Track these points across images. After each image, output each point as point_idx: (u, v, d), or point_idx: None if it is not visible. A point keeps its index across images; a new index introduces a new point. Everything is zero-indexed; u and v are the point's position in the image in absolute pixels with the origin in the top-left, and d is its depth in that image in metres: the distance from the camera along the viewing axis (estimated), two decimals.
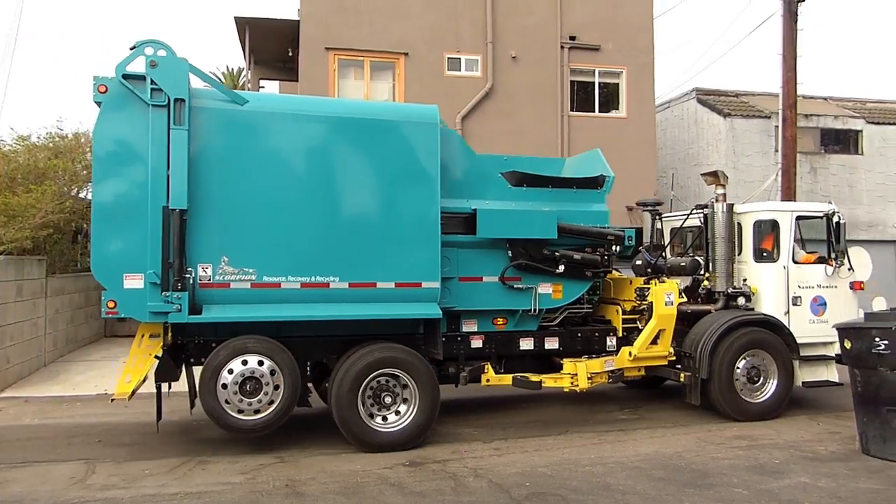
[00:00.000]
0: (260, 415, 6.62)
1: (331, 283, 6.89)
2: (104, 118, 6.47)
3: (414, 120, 7.31)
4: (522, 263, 7.70)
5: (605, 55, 16.59)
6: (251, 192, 6.72)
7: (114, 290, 6.37)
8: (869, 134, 19.79)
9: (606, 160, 8.45)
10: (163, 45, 6.52)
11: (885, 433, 6.48)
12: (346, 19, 15.25)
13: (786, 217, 8.98)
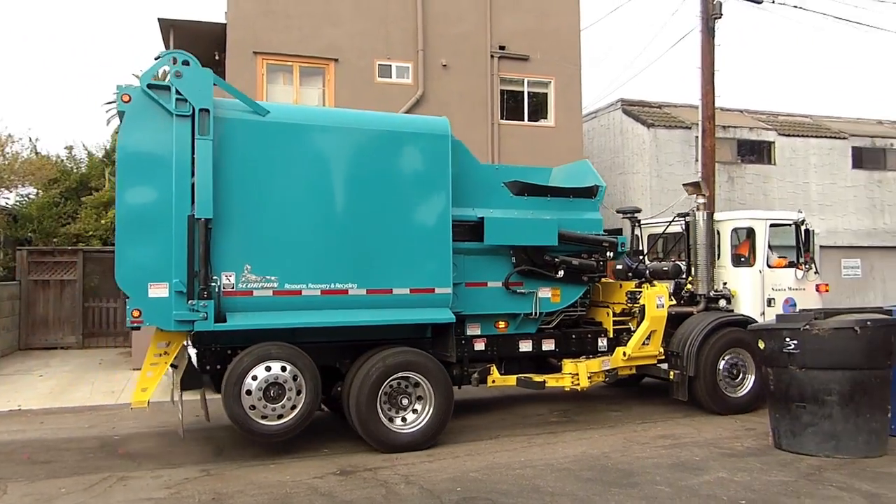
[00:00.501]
0: (283, 420, 6.71)
1: (349, 290, 7.07)
2: (128, 127, 6.49)
3: (427, 131, 7.56)
4: (525, 269, 8.02)
5: (534, 65, 16.93)
6: (272, 201, 6.84)
7: (139, 300, 6.39)
8: (781, 145, 20.86)
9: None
10: (187, 55, 6.62)
11: (795, 428, 6.83)
12: (274, 23, 15.04)
13: (761, 224, 9.68)
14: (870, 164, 21.80)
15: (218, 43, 15.79)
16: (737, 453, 6.94)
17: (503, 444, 7.45)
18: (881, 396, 6.72)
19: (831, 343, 6.62)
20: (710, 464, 6.56)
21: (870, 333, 6.61)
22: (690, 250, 9.73)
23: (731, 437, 7.61)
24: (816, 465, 6.43)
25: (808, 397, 6.72)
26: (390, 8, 15.81)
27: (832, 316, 7.04)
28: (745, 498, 5.54)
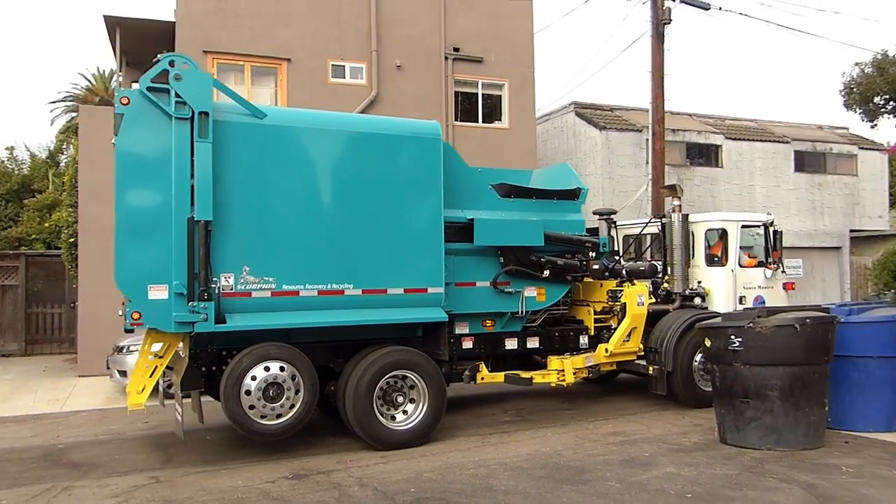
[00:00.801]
0: (282, 419, 6.77)
1: (346, 291, 7.20)
2: (127, 130, 6.50)
3: (419, 134, 7.73)
4: (513, 269, 8.27)
5: (488, 67, 17.04)
6: (270, 203, 6.93)
7: (138, 302, 6.41)
8: (728, 149, 21.44)
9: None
10: (186, 58, 6.69)
11: (739, 423, 7.04)
12: (224, 22, 14.80)
13: (733, 226, 10.16)
14: (811, 168, 22.57)
15: (166, 42, 15.45)
16: (684, 448, 7.11)
17: (458, 443, 7.49)
18: (819, 391, 6.98)
19: (773, 340, 6.84)
20: (658, 459, 6.70)
21: (809, 331, 6.85)
22: (666, 251, 10.12)
23: (680, 433, 7.80)
24: (759, 457, 6.63)
25: (751, 393, 6.93)
26: (343, 8, 15.72)
27: (774, 314, 7.27)
28: (692, 491, 5.69)
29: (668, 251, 10.09)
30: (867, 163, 23.40)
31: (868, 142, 24.41)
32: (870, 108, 24.62)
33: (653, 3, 15.25)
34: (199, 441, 7.87)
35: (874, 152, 23.73)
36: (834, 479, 5.93)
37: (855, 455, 6.69)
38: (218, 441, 7.89)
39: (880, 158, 23.76)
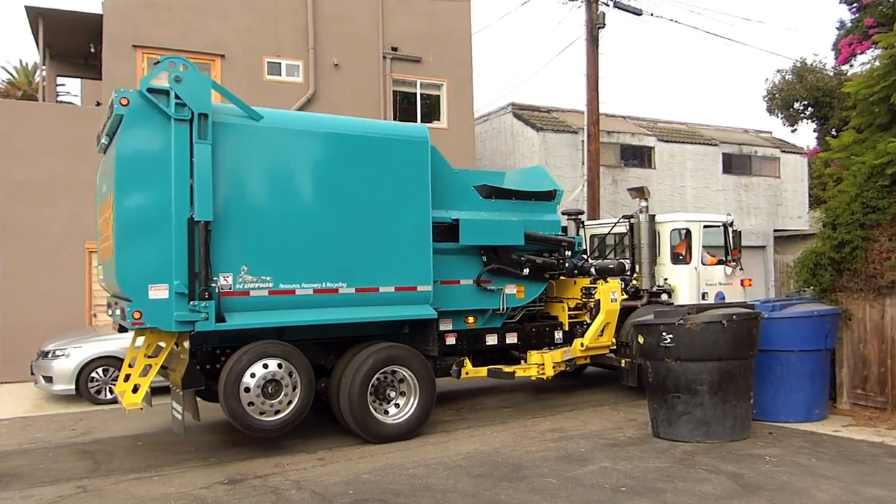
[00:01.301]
0: (280, 415, 6.91)
1: (340, 289, 7.35)
2: (126, 131, 6.54)
3: (409, 137, 7.95)
4: (495, 268, 8.55)
5: (427, 67, 17.06)
6: (266, 204, 7.05)
7: (139, 301, 6.44)
8: (660, 150, 22.07)
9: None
10: (185, 61, 6.74)
11: (671, 417, 7.25)
12: (155, 16, 14.35)
13: (696, 226, 10.65)
14: (737, 170, 23.47)
15: (93, 35, 14.90)
16: (619, 443, 7.28)
17: (397, 444, 7.46)
18: (745, 384, 7.25)
19: (702, 336, 7.08)
20: (594, 454, 6.84)
21: (735, 326, 7.11)
22: (635, 249, 10.54)
23: (615, 428, 7.98)
24: (689, 450, 6.85)
25: (682, 387, 7.15)
26: (279, 5, 15.46)
27: (704, 311, 7.52)
28: (626, 485, 5.83)
29: (636, 250, 10.54)
30: (789, 165, 24.50)
31: (790, 145, 25.55)
32: (790, 114, 25.79)
33: (587, 8, 15.57)
34: (128, 447, 7.61)
35: (795, 155, 24.86)
36: (758, 469, 6.17)
37: (778, 445, 6.99)
38: (149, 447, 7.65)
39: (801, 161, 24.90)
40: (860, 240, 8.26)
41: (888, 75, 8.59)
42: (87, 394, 10.21)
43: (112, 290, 7.37)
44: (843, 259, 8.45)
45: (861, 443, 7.03)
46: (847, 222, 8.37)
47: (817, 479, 5.86)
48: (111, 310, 7.60)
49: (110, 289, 7.45)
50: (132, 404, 6.95)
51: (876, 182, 8.18)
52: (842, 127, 13.80)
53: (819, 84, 25.19)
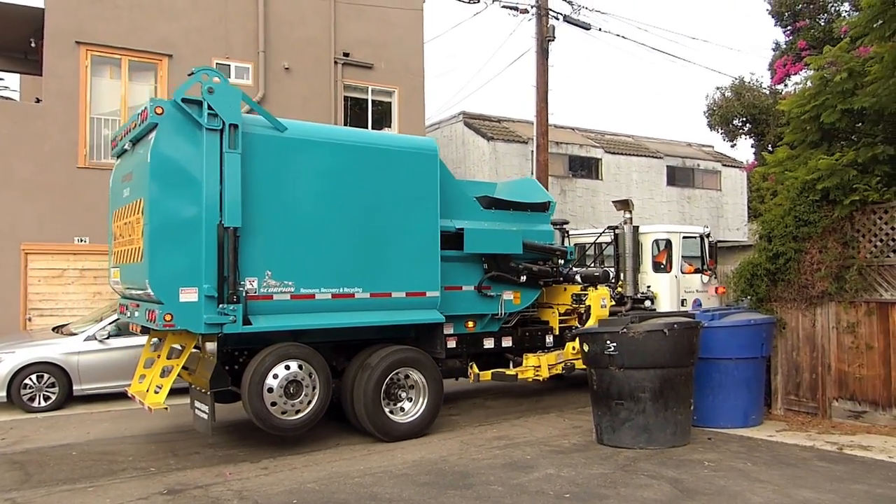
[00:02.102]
0: (300, 415, 7.21)
1: (356, 294, 7.69)
2: (161, 139, 6.76)
3: (421, 150, 8.36)
4: (495, 275, 8.91)
5: (379, 74, 17.04)
6: (289, 211, 7.31)
7: (171, 304, 6.66)
8: (607, 162, 22.54)
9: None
10: (217, 73, 7.07)
11: (614, 424, 7.39)
12: (100, 12, 13.95)
13: (676, 237, 11.37)
14: (681, 182, 24.14)
15: (34, 29, 14.40)
16: (564, 450, 7.38)
17: (342, 452, 7.41)
18: (686, 391, 7.45)
19: (644, 344, 7.24)
20: (539, 461, 6.91)
21: (676, 335, 7.30)
22: (619, 258, 10.97)
23: (560, 436, 8.08)
24: (632, 456, 6.99)
25: (625, 395, 7.30)
26: (230, 6, 15.22)
27: (646, 320, 7.70)
28: (570, 491, 5.91)
29: (620, 259, 10.95)
30: (729, 179, 25.32)
31: (730, 159, 26.43)
32: (730, 129, 26.70)
33: (538, 21, 15.81)
34: (62, 457, 7.34)
35: (735, 169, 25.72)
36: (697, 474, 6.35)
37: (716, 450, 7.20)
38: (84, 457, 7.39)
39: (740, 175, 25.78)
40: (793, 252, 8.60)
41: (818, 95, 8.98)
42: (20, 401, 9.81)
43: (133, 292, 7.48)
44: (777, 270, 8.77)
45: (793, 447, 7.29)
46: (781, 235, 8.70)
47: (752, 482, 6.06)
48: (128, 311, 7.83)
49: (132, 290, 7.51)
50: (156, 404, 7.09)
51: (807, 197, 8.53)
52: (777, 143, 14.38)
53: (756, 102, 26.18)
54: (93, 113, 13.93)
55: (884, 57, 8.35)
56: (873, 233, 8.13)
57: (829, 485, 5.97)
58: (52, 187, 13.37)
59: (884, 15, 7.94)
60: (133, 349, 10.44)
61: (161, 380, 7.36)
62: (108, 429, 8.79)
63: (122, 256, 7.70)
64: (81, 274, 13.56)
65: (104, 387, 10.34)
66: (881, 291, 8.00)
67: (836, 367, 8.33)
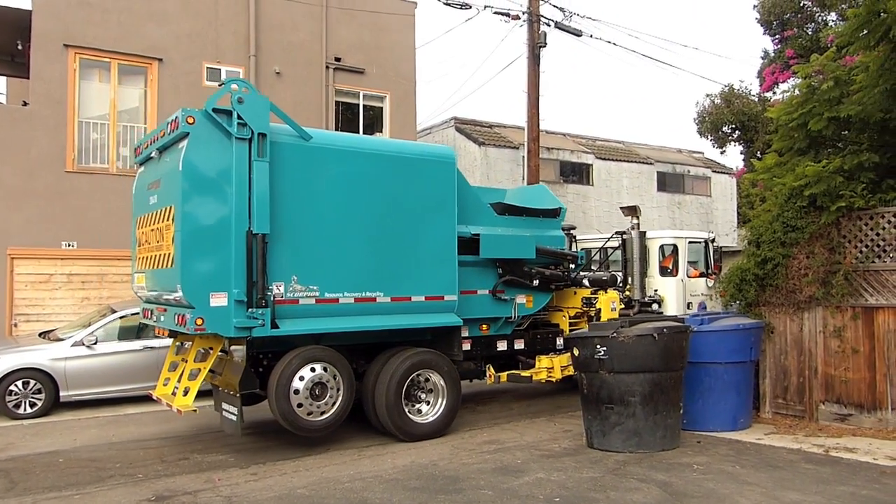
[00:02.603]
0: (325, 416, 7.38)
1: (377, 298, 7.89)
2: (192, 147, 6.92)
3: (439, 158, 8.61)
4: (509, 279, 9.15)
5: (370, 79, 17.06)
6: (314, 217, 7.50)
7: (202, 309, 6.83)
8: (598, 168, 22.63)
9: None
10: (247, 83, 7.22)
11: (605, 428, 7.41)
12: (89, 15, 13.91)
13: (682, 242, 11.71)
14: (671, 188, 24.28)
15: (21, 31, 14.32)
16: (554, 454, 7.39)
17: (332, 457, 7.38)
18: (675, 395, 7.48)
19: (634, 349, 7.27)
20: (530, 465, 6.92)
21: (666, 339, 7.33)
22: (627, 263, 11.18)
23: (550, 440, 8.09)
24: (622, 460, 7.01)
25: (615, 399, 7.31)
26: (220, 10, 15.21)
27: (636, 324, 7.73)
28: (560, 496, 5.92)
29: (628, 263, 11.16)
30: (719, 185, 25.49)
31: (720, 166, 26.61)
32: (719, 136, 26.89)
33: (529, 27, 15.88)
34: (48, 465, 7.29)
35: (725, 175, 25.90)
36: (686, 477, 6.37)
37: (705, 453, 7.23)
38: (71, 464, 7.34)
39: (730, 181, 25.95)
40: (781, 257, 8.66)
41: (806, 103, 9.08)
42: (5, 408, 9.72)
43: (161, 296, 7.61)
44: (766, 275, 8.84)
45: (781, 450, 7.34)
46: (770, 240, 8.77)
47: (740, 485, 6.09)
48: (153, 316, 8.02)
49: (159, 295, 7.65)
50: (185, 406, 7.27)
51: (795, 203, 8.60)
52: (765, 150, 14.52)
53: (745, 109, 26.39)
54: (81, 117, 13.88)
55: (869, 66, 8.46)
56: (859, 238, 8.21)
57: (816, 487, 6.01)
58: (40, 191, 13.30)
59: (868, 24, 8.03)
60: (121, 354, 10.43)
61: (189, 382, 7.55)
62: (95, 435, 8.72)
63: (149, 262, 7.88)
64: (69, 279, 13.49)
65: (92, 393, 10.27)
66: (867, 296, 8.07)
67: (823, 370, 8.39)
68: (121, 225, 13.82)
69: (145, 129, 14.43)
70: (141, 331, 10.72)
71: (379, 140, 8.67)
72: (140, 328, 10.77)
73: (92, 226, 13.64)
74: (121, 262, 13.80)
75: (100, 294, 13.65)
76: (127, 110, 14.52)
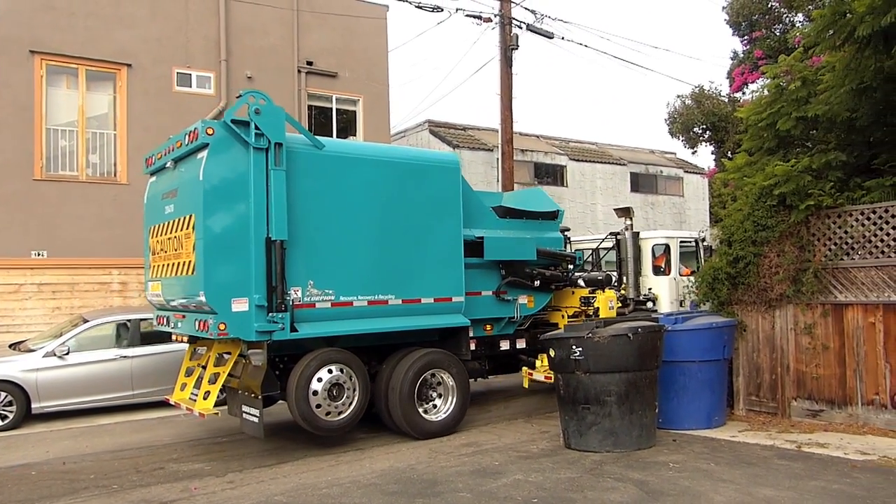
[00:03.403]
0: (342, 416, 7.63)
1: (389, 300, 8.13)
2: (213, 158, 7.13)
3: (445, 164, 8.88)
4: (512, 280, 9.42)
5: (342, 83, 17.01)
6: (328, 224, 7.73)
7: (224, 314, 7.05)
8: (571, 169, 22.80)
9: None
10: (263, 95, 7.43)
11: (581, 428, 7.46)
12: (56, 21, 13.69)
13: (674, 242, 11.98)
14: (644, 189, 24.54)
15: None
16: (532, 455, 7.42)
17: (310, 464, 7.34)
18: (651, 394, 7.55)
19: (609, 349, 7.32)
20: (508, 467, 6.94)
21: (640, 339, 7.40)
22: (622, 263, 11.51)
23: (528, 441, 8.12)
24: (598, 460, 7.06)
25: (591, 399, 7.36)
26: (190, 15, 15.07)
27: (611, 324, 7.79)
28: (538, 496, 5.94)
29: (623, 263, 11.49)
30: (691, 185, 25.82)
31: (692, 166, 26.95)
32: (690, 136, 27.22)
33: (501, 30, 15.95)
34: (20, 478, 7.15)
35: (697, 176, 26.24)
36: (662, 475, 6.43)
37: (680, 451, 7.31)
38: (43, 476, 7.20)
39: (702, 181, 26.29)
40: (752, 256, 8.79)
41: (774, 103, 9.24)
42: None
43: (180, 303, 7.79)
44: (737, 274, 8.96)
45: (755, 446, 7.44)
46: (741, 239, 8.90)
47: (715, 482, 6.17)
48: (170, 322, 8.23)
49: (178, 302, 7.83)
50: (206, 409, 7.52)
51: (765, 202, 8.74)
52: (736, 150, 14.73)
53: (715, 110, 26.74)
54: (49, 124, 13.67)
55: (835, 66, 8.63)
56: (828, 237, 8.36)
57: (788, 482, 6.11)
58: (7, 200, 13.06)
59: (834, 25, 8.19)
60: (94, 364, 10.26)
61: (209, 386, 7.76)
62: (68, 447, 8.58)
63: (165, 270, 8.03)
64: (39, 289, 13.25)
65: (65, 404, 10.09)
66: (836, 293, 8.23)
67: (795, 367, 8.53)
68: (92, 233, 13.65)
69: (115, 135, 14.25)
70: (115, 340, 10.58)
71: (387, 147, 9.18)
72: (117, 336, 10.63)
73: (62, 234, 13.42)
74: (92, 271, 13.60)
75: (71, 304, 13.42)
76: (96, 116, 14.32)
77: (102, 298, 13.72)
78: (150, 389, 10.60)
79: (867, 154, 8.99)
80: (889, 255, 7.79)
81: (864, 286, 7.97)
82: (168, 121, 14.55)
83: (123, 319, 10.82)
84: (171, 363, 10.77)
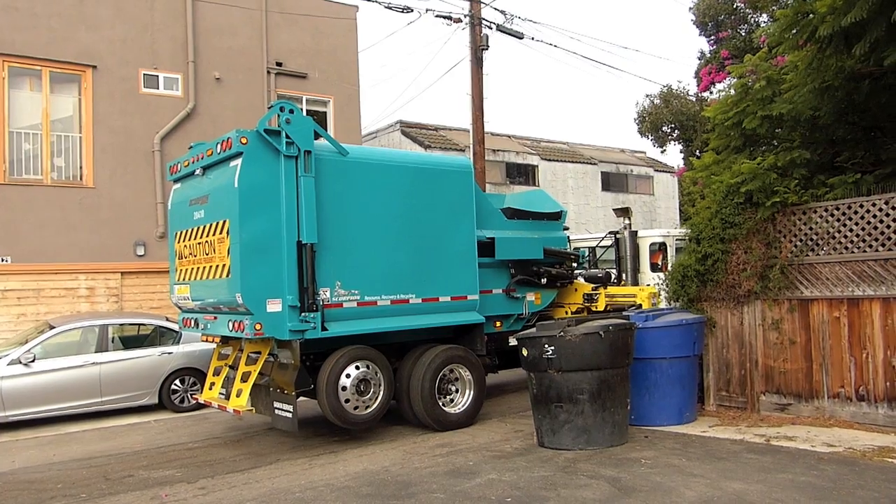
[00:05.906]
0: (369, 410, 8.03)
1: (410, 299, 8.54)
2: (247, 165, 7.44)
3: (459, 168, 9.33)
4: (520, 278, 9.89)
5: (313, 83, 16.91)
6: (353, 227, 8.10)
7: (259, 315, 7.40)
8: (543, 168, 22.93)
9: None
10: (293, 105, 7.79)
11: (554, 426, 7.50)
12: (17, 21, 13.41)
13: (670, 240, 12.43)
14: (615, 188, 24.77)
15: None
16: (506, 454, 7.44)
17: (283, 468, 7.28)
18: (622, 392, 7.62)
19: (581, 347, 7.37)
20: (482, 467, 6.94)
21: (612, 337, 7.46)
22: (621, 260, 11.80)
23: (502, 440, 8.14)
24: (572, 458, 7.10)
25: (564, 397, 7.40)
26: (156, 15, 14.85)
27: (582, 323, 7.84)
28: (511, 496, 5.96)
29: (621, 261, 11.76)
30: (661, 183, 26.12)
31: (662, 165, 27.26)
32: (659, 135, 27.53)
33: (471, 30, 15.97)
34: None
35: (667, 174, 26.55)
36: (634, 472, 6.49)
37: (652, 447, 7.39)
38: (8, 486, 7.05)
39: (672, 180, 26.62)
40: (720, 253, 8.92)
41: (740, 102, 9.38)
42: None
43: (211, 305, 8.13)
44: (706, 271, 9.08)
45: (725, 441, 7.55)
46: (709, 237, 9.02)
47: (686, 477, 6.24)
48: (200, 324, 8.51)
49: (210, 304, 8.15)
50: (240, 406, 7.80)
51: (732, 200, 8.87)
52: (703, 148, 14.95)
53: (683, 109, 27.09)
54: (12, 127, 13.38)
55: (798, 65, 8.79)
56: (793, 233, 8.51)
57: (758, 475, 6.20)
58: None
59: (796, 24, 8.34)
60: (62, 371, 10.07)
61: (242, 385, 8.00)
62: (34, 456, 8.40)
63: (195, 273, 8.36)
64: (3, 295, 12.97)
65: (31, 412, 9.89)
66: (802, 289, 8.38)
67: (763, 362, 8.67)
68: (57, 237, 13.39)
69: (80, 138, 13.99)
70: (82, 346, 10.39)
71: (406, 153, 9.85)
72: (85, 342, 10.43)
73: (26, 239, 13.15)
74: (58, 277, 13.34)
75: (37, 310, 13.16)
76: (61, 119, 14.05)
77: (69, 304, 13.47)
78: (119, 396, 10.44)
79: (830, 152, 9.18)
80: (852, 250, 7.95)
81: (829, 281, 8.13)
82: (135, 123, 14.36)
83: (91, 325, 10.63)
84: (141, 369, 10.62)
